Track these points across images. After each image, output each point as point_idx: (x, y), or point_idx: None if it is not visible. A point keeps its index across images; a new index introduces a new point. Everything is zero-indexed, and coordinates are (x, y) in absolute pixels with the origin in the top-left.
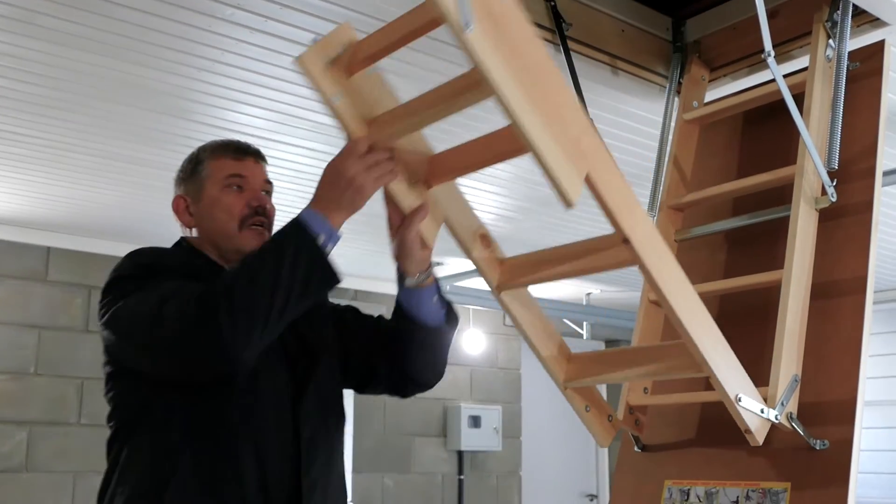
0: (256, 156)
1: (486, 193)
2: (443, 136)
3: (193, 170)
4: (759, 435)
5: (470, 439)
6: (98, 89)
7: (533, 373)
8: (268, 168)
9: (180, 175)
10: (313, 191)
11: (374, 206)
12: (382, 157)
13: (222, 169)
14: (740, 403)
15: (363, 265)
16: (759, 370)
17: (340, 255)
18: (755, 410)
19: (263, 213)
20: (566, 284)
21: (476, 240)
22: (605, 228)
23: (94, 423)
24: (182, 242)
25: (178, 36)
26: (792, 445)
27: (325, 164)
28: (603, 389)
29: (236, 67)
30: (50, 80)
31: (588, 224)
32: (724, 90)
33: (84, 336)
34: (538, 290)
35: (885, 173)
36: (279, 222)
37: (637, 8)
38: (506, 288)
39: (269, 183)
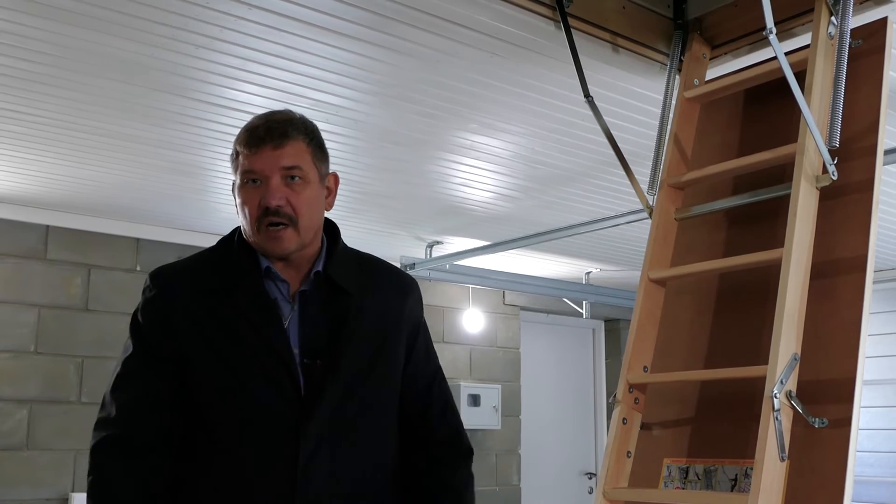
0: (275, 139)
1: (486, 172)
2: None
3: (232, 161)
4: None
5: (469, 418)
6: (96, 66)
7: (532, 352)
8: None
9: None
10: None
11: (377, 186)
12: None
13: (242, 163)
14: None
15: (367, 245)
16: (758, 349)
17: (344, 235)
18: None
19: (276, 212)
20: (565, 263)
21: None
22: (602, 205)
23: (95, 401)
24: (237, 233)
25: (176, 12)
26: (791, 423)
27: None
28: (602, 366)
29: (235, 45)
30: (48, 57)
31: (587, 202)
32: (726, 68)
33: (83, 315)
34: (536, 269)
35: (887, 152)
36: None
37: None
38: None
39: (294, 167)
